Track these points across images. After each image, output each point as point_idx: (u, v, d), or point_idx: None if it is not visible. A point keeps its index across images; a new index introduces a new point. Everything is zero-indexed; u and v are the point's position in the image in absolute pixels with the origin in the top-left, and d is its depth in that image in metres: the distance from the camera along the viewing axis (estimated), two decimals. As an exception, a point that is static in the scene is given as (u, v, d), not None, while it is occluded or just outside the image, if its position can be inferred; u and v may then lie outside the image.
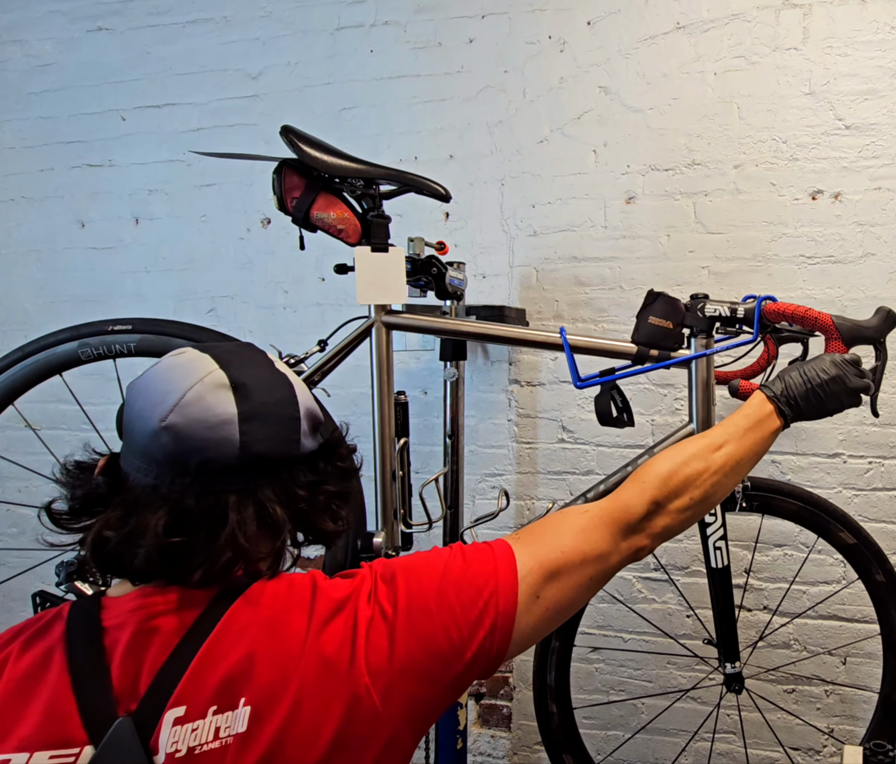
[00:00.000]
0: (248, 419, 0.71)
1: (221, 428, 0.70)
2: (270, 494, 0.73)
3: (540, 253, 1.93)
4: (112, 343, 1.44)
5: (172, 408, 0.69)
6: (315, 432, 0.79)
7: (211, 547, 0.69)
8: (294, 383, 0.78)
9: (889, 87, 1.71)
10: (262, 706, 0.65)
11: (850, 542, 1.45)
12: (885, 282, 1.74)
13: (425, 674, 0.71)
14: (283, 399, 0.75)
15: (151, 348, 1.43)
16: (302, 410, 0.76)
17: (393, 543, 1.44)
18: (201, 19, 2.09)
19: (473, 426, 1.98)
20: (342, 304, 2.02)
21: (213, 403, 0.70)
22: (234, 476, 0.71)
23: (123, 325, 1.45)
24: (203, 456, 0.69)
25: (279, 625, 0.69)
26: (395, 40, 1.98)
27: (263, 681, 0.66)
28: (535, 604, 0.77)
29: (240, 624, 0.69)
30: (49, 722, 0.63)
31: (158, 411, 0.69)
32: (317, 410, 0.80)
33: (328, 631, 0.70)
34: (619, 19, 1.85)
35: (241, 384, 0.72)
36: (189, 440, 0.69)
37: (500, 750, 2.05)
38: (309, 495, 0.77)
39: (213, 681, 0.65)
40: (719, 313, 1.30)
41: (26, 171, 2.21)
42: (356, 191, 1.40)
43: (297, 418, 0.76)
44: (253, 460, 0.71)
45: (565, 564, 0.80)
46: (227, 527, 0.69)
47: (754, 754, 1.87)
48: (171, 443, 0.69)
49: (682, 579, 1.87)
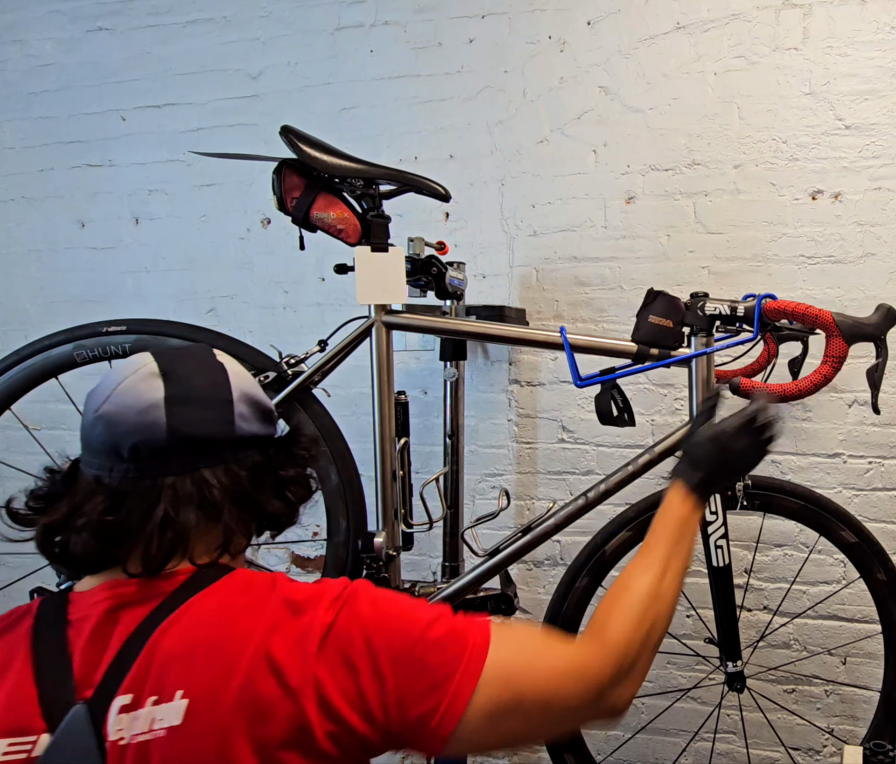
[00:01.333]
0: (176, 402, 0.74)
1: (149, 412, 0.72)
2: (210, 476, 0.75)
3: (540, 253, 1.93)
4: (107, 344, 1.44)
5: (106, 398, 0.73)
6: (263, 419, 0.81)
7: (144, 528, 0.71)
8: (230, 370, 0.80)
9: (889, 87, 1.71)
10: (200, 701, 0.64)
11: (851, 540, 1.45)
12: (885, 282, 1.74)
13: (356, 708, 0.68)
14: (214, 383, 0.78)
15: (147, 349, 1.43)
16: (236, 393, 0.78)
17: (394, 542, 1.44)
18: (201, 19, 2.09)
19: (473, 426, 1.97)
20: (342, 304, 2.02)
21: (142, 389, 0.73)
22: (170, 459, 0.73)
23: (118, 326, 1.45)
24: (134, 440, 0.72)
25: (229, 621, 0.69)
26: (395, 40, 1.98)
27: (204, 676, 0.65)
28: (485, 721, 0.71)
29: (194, 616, 0.69)
30: (10, 711, 0.64)
31: (96, 404, 0.74)
32: (261, 397, 0.82)
33: (279, 633, 0.69)
34: (619, 19, 1.85)
35: (171, 371, 0.76)
36: (120, 426, 0.72)
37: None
38: (254, 477, 0.78)
39: (156, 671, 0.65)
40: (719, 312, 1.30)
41: (26, 171, 2.21)
42: (356, 191, 1.39)
43: (230, 401, 0.77)
44: (184, 442, 0.73)
45: (529, 702, 0.73)
46: (160, 507, 0.71)
47: (754, 754, 1.87)
48: (105, 431, 0.72)
49: (682, 579, 1.87)
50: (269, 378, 1.42)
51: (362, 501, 1.48)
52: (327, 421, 1.47)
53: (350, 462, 1.47)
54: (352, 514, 1.45)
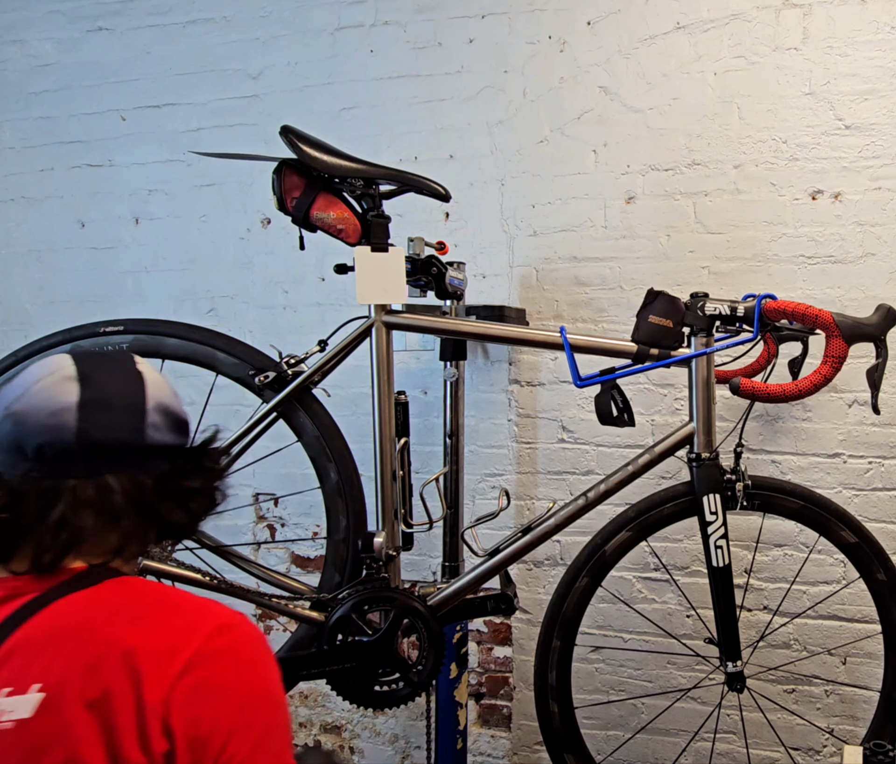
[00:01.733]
0: (88, 407, 0.74)
1: (60, 414, 0.73)
2: (114, 482, 0.75)
3: (540, 253, 1.93)
4: (104, 345, 1.44)
5: (19, 397, 0.74)
6: (175, 429, 0.82)
7: (39, 527, 0.71)
8: (148, 379, 0.81)
9: (889, 87, 1.71)
10: (55, 696, 0.65)
11: (851, 540, 1.45)
12: (885, 282, 1.74)
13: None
14: (129, 391, 0.78)
15: (144, 349, 1.44)
16: (151, 402, 0.79)
17: (393, 542, 1.44)
18: (201, 19, 2.09)
19: (473, 426, 1.97)
20: (342, 304, 2.02)
21: (56, 392, 0.74)
22: (75, 462, 0.73)
23: (115, 326, 1.45)
24: (40, 440, 0.72)
25: (100, 624, 0.70)
26: (395, 40, 1.98)
27: (64, 672, 0.66)
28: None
29: (65, 614, 0.70)
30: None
31: (6, 401, 0.75)
32: (177, 408, 0.83)
33: (147, 646, 0.68)
34: (619, 19, 1.85)
35: (88, 376, 0.76)
36: (28, 425, 0.73)
37: (500, 750, 2.04)
38: (159, 487, 0.78)
39: (15, 662, 0.66)
40: (719, 312, 1.30)
41: (26, 171, 2.21)
42: (356, 191, 1.40)
43: (143, 410, 0.78)
44: (93, 447, 0.74)
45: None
46: (58, 508, 0.72)
47: (754, 754, 1.87)
48: (13, 429, 0.73)
49: (681, 579, 1.87)
50: (269, 378, 1.42)
51: (362, 501, 1.48)
52: (327, 421, 1.47)
53: (350, 462, 1.47)
54: (352, 513, 1.46)
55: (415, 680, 1.38)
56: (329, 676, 1.35)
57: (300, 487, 1.97)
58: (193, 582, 1.36)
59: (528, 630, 2.00)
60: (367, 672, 1.36)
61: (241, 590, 1.37)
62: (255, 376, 1.43)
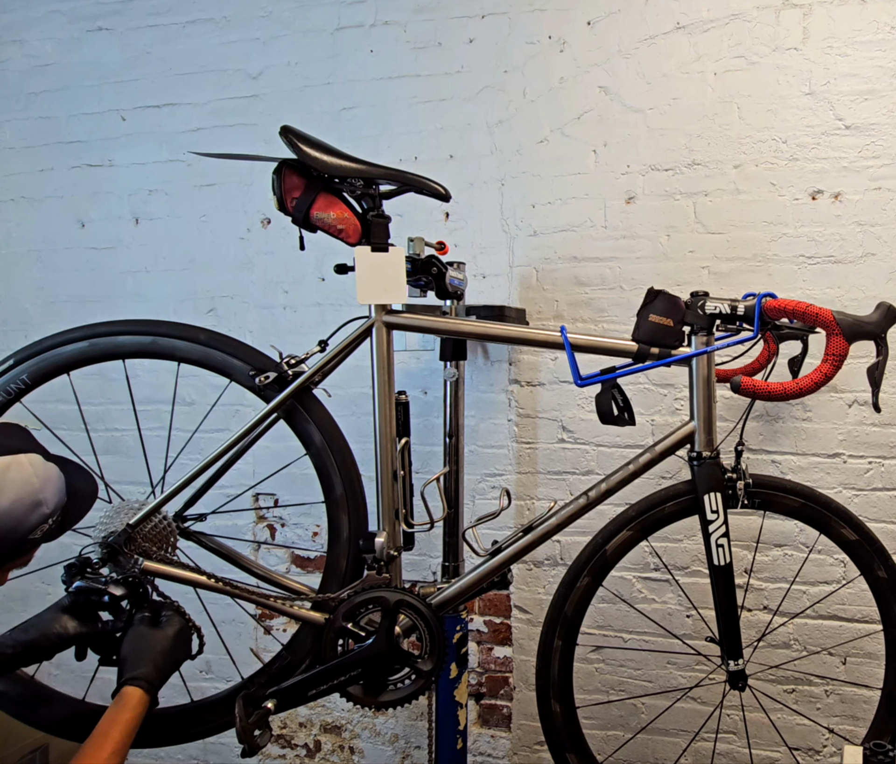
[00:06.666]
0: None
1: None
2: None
3: (540, 253, 1.93)
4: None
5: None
6: None
7: None
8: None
9: (889, 87, 1.72)
10: None
11: (851, 538, 1.45)
12: (885, 282, 1.74)
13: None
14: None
15: (145, 348, 1.45)
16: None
17: (395, 542, 1.44)
18: (201, 19, 2.09)
19: (473, 426, 1.97)
20: (342, 304, 2.02)
21: None
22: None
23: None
24: None
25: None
26: (395, 40, 1.98)
27: None
28: None
29: None
30: None
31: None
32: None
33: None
34: (619, 19, 1.85)
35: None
36: None
37: (500, 750, 2.04)
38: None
39: None
40: (719, 311, 1.30)
41: (26, 171, 2.21)
42: (356, 191, 1.39)
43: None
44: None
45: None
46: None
47: (754, 754, 1.87)
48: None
49: (682, 579, 1.87)
50: (270, 378, 1.41)
51: (363, 501, 1.47)
52: (328, 421, 1.46)
53: (351, 462, 1.47)
54: (352, 514, 1.45)
55: (424, 669, 1.37)
56: (338, 689, 1.35)
57: (300, 485, 1.97)
58: (194, 582, 1.36)
59: (528, 630, 2.00)
60: (376, 675, 1.35)
61: (241, 590, 1.37)
62: (255, 376, 1.42)
